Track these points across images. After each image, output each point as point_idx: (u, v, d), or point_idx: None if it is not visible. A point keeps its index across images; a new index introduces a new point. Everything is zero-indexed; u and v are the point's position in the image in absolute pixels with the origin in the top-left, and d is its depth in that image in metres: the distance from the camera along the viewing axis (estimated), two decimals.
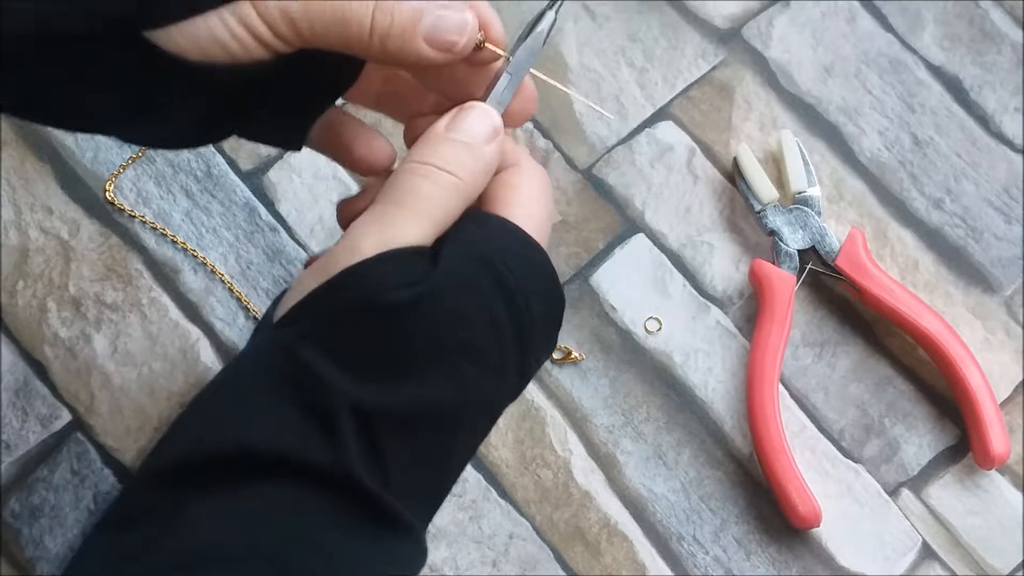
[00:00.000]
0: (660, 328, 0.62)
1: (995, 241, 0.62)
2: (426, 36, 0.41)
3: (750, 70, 0.65)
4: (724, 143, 0.64)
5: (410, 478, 0.40)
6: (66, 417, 0.61)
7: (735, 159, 0.63)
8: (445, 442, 0.41)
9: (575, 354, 0.61)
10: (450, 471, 0.43)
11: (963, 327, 0.60)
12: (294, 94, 0.44)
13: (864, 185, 0.63)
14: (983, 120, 0.64)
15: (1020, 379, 0.60)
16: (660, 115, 0.65)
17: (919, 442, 0.60)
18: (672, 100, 0.65)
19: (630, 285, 0.62)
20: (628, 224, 0.63)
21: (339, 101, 0.47)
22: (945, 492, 0.59)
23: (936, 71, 0.65)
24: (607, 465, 0.60)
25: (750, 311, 0.62)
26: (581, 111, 0.65)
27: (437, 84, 0.46)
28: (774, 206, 0.62)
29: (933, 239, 0.63)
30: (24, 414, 0.61)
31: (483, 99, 0.43)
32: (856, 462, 0.60)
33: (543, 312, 0.43)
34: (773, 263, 0.61)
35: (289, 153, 0.65)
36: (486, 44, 0.42)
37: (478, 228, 0.42)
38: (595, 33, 0.66)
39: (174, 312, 0.63)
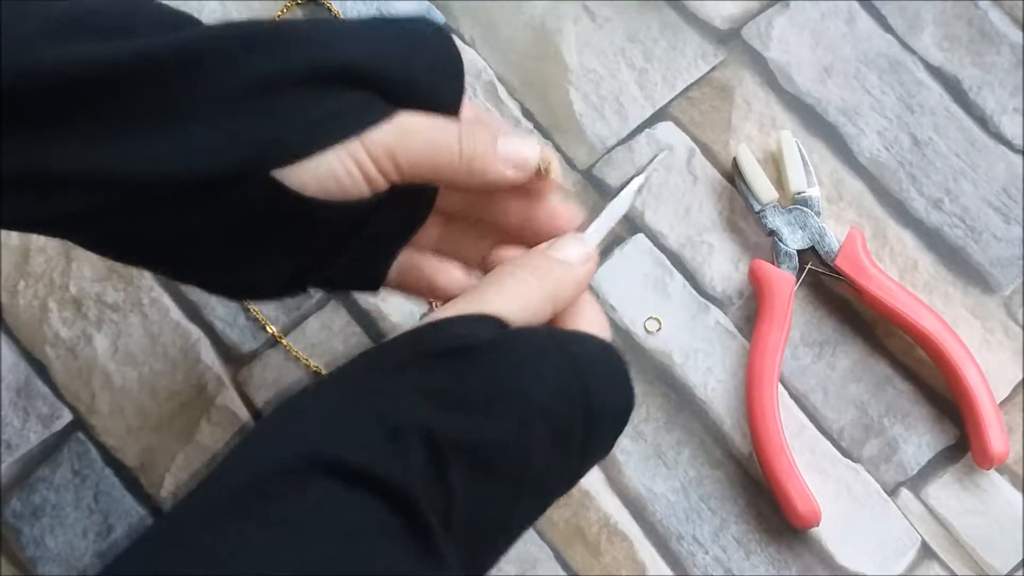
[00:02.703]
0: (660, 328, 0.62)
1: (994, 241, 0.62)
2: (502, 156, 0.45)
3: (749, 71, 0.65)
4: (724, 143, 0.64)
5: (469, 519, 0.40)
6: (67, 417, 0.61)
7: (735, 159, 0.63)
8: (504, 489, 0.41)
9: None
10: (508, 529, 0.43)
11: (962, 327, 0.60)
12: (376, 235, 0.46)
13: (863, 185, 0.64)
14: (982, 120, 0.64)
15: (1019, 379, 0.60)
16: (660, 116, 0.65)
17: (918, 442, 0.60)
18: (672, 101, 0.65)
19: (630, 285, 0.63)
20: (628, 224, 0.63)
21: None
22: (944, 492, 0.59)
23: (935, 71, 0.65)
24: (607, 464, 0.60)
25: (749, 311, 0.62)
26: (581, 111, 0.65)
27: (502, 217, 0.49)
28: (773, 206, 0.62)
29: (932, 239, 0.63)
30: (25, 414, 0.61)
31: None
32: (855, 462, 0.60)
33: (613, 406, 0.44)
34: (772, 263, 0.61)
35: None
36: (549, 168, 0.46)
37: (550, 327, 0.45)
38: (595, 34, 0.66)
39: (175, 312, 0.63)
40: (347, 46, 0.42)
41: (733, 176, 0.63)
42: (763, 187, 0.62)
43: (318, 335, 0.62)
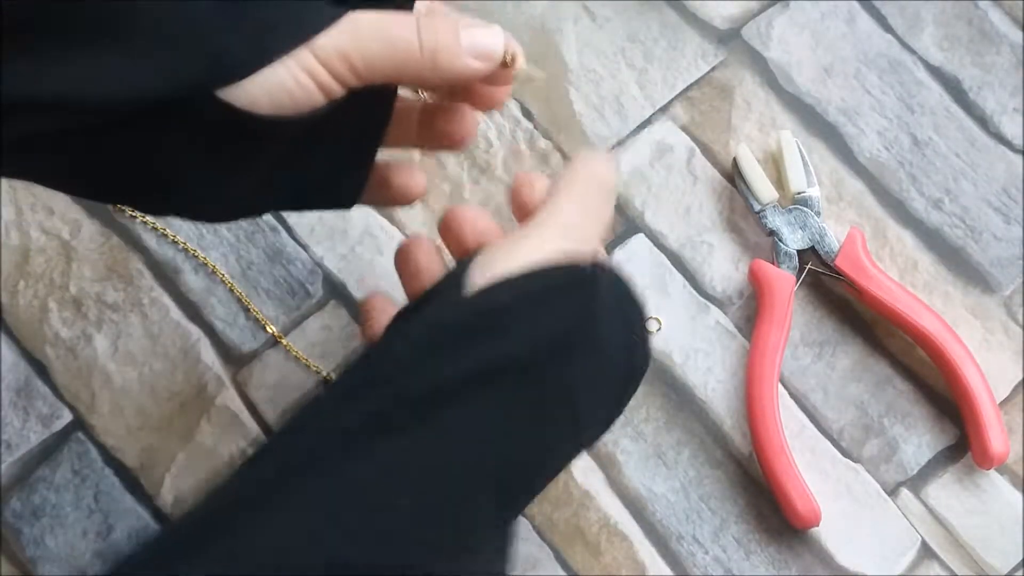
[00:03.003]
0: (659, 328, 0.62)
1: (994, 241, 0.62)
2: (467, 47, 0.43)
3: (750, 71, 0.65)
4: (724, 143, 0.64)
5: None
6: (67, 417, 0.61)
7: (735, 159, 0.63)
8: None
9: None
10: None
11: (962, 327, 0.60)
12: (337, 142, 0.45)
13: (863, 185, 0.64)
14: (982, 120, 0.64)
15: (1019, 379, 0.60)
16: (660, 116, 0.65)
17: (918, 442, 0.60)
18: (672, 101, 0.65)
19: None
20: (628, 224, 0.63)
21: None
22: (944, 492, 0.59)
23: (935, 71, 0.65)
24: (607, 465, 0.60)
25: (749, 311, 0.62)
26: (581, 111, 0.65)
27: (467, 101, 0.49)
28: (773, 206, 0.62)
29: (932, 239, 0.63)
30: (25, 414, 0.61)
31: None
32: (855, 462, 0.60)
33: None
34: (772, 263, 0.61)
35: None
36: (516, 57, 0.45)
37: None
38: (595, 34, 0.66)
39: (175, 312, 0.63)
40: None
41: (733, 176, 0.63)
42: (763, 187, 0.62)
43: (318, 335, 0.62)
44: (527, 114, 0.65)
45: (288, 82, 0.40)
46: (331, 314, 0.62)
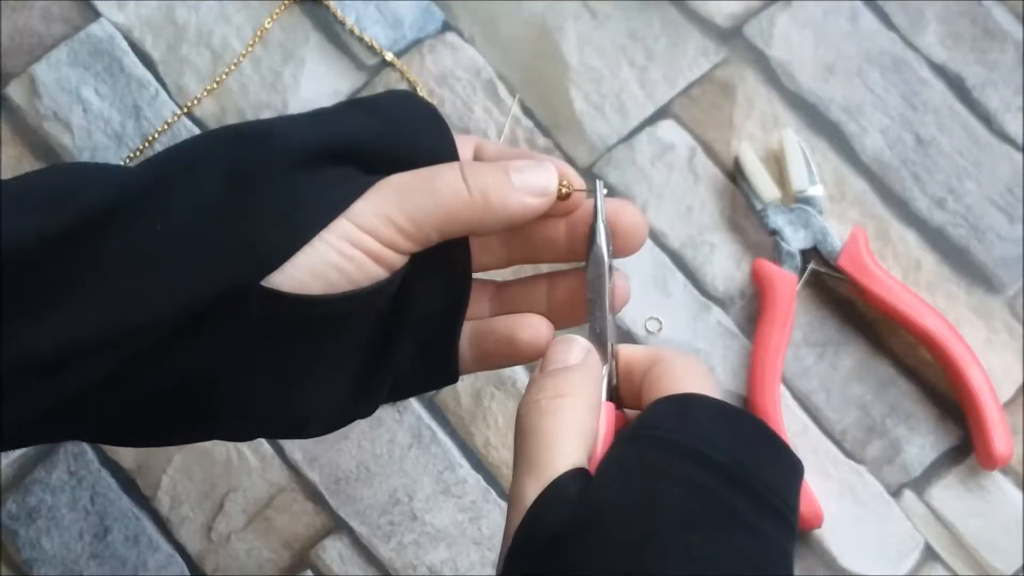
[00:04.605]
0: (661, 328, 0.62)
1: (998, 241, 0.62)
2: (519, 187, 0.40)
3: (751, 69, 0.65)
4: (725, 142, 0.64)
5: None
6: None
7: (736, 158, 0.62)
8: None
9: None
10: None
11: (966, 327, 0.60)
12: (425, 317, 0.42)
13: (866, 184, 0.63)
14: (986, 119, 0.64)
15: (1023, 380, 0.60)
16: (661, 114, 0.65)
17: (921, 443, 0.60)
18: (673, 99, 0.65)
19: (631, 285, 0.62)
20: None
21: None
22: (948, 493, 0.59)
23: (939, 70, 0.65)
24: None
25: (751, 311, 0.61)
26: (582, 110, 0.65)
27: (535, 248, 0.44)
28: (776, 205, 0.61)
29: (935, 239, 0.62)
30: None
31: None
32: (858, 463, 0.60)
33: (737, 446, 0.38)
34: (775, 263, 0.60)
35: None
36: (572, 188, 0.42)
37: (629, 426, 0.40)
38: (596, 31, 0.66)
39: None
40: (307, 131, 0.39)
41: (735, 175, 0.63)
42: (765, 186, 0.61)
43: None
44: (527, 112, 0.65)
45: (332, 257, 0.38)
46: None
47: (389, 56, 0.66)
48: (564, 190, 0.42)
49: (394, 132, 0.40)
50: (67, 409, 0.38)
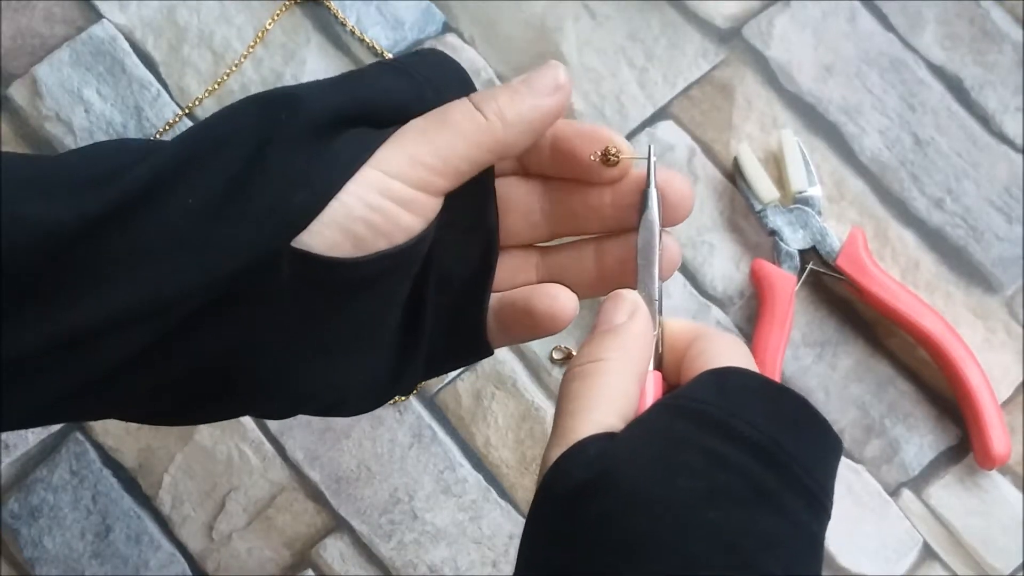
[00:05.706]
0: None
1: (996, 241, 0.62)
2: (533, 89, 0.40)
3: (751, 69, 0.65)
4: (724, 143, 0.64)
5: None
6: None
7: (735, 159, 0.63)
8: None
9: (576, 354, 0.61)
10: None
11: (964, 327, 0.60)
12: (458, 281, 0.42)
13: (865, 185, 0.63)
14: (984, 120, 0.64)
15: (1021, 379, 0.60)
16: (660, 115, 0.65)
17: (920, 442, 0.60)
18: (672, 100, 0.65)
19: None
20: None
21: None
22: (946, 492, 0.59)
23: (937, 71, 0.65)
24: None
25: (750, 311, 0.62)
26: (581, 110, 0.65)
27: (578, 220, 0.44)
28: (774, 206, 0.61)
29: (934, 239, 0.62)
30: None
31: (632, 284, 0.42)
32: (857, 462, 0.60)
33: (779, 425, 0.36)
34: (774, 263, 0.61)
35: None
36: (618, 153, 0.42)
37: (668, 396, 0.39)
38: (595, 32, 0.66)
39: None
40: (333, 95, 0.39)
41: (734, 175, 0.63)
42: (764, 186, 0.61)
43: None
44: None
45: (360, 210, 0.37)
46: None
47: (390, 57, 0.66)
48: (613, 157, 0.41)
49: (422, 94, 0.40)
50: (103, 385, 0.38)
